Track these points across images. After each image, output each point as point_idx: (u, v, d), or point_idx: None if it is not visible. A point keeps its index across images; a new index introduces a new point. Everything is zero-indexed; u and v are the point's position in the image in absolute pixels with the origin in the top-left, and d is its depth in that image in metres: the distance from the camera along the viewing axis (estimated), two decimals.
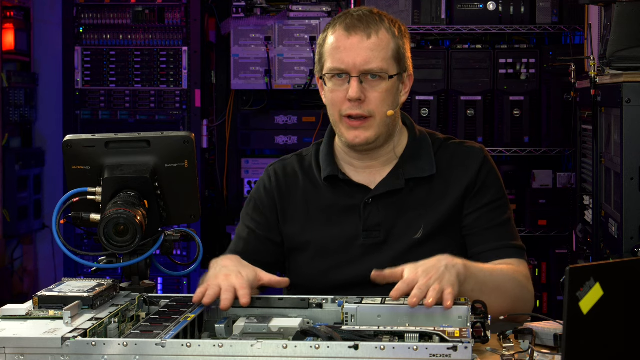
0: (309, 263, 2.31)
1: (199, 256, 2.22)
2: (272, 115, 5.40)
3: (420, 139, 2.33)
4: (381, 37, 2.23)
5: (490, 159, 2.34)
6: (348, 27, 2.22)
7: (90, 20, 5.29)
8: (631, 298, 1.54)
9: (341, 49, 2.21)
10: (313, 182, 2.34)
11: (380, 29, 2.23)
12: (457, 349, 1.63)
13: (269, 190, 2.36)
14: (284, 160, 2.41)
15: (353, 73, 2.20)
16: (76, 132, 5.08)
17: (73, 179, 2.12)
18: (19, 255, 5.70)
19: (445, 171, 2.30)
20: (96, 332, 1.76)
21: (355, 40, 2.21)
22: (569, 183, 4.83)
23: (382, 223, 2.27)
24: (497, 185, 2.31)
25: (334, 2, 5.32)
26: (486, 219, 2.27)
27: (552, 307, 4.90)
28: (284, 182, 2.36)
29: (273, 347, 1.66)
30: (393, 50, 2.24)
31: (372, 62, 2.20)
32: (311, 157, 2.37)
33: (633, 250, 3.16)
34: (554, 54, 4.87)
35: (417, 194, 2.28)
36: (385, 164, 2.31)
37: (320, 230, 2.30)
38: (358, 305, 1.90)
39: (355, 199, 2.29)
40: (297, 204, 2.34)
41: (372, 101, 2.21)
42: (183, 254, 5.07)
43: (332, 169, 2.31)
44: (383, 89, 2.22)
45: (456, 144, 2.35)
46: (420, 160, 2.30)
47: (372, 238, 2.27)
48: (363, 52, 2.20)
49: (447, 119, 4.92)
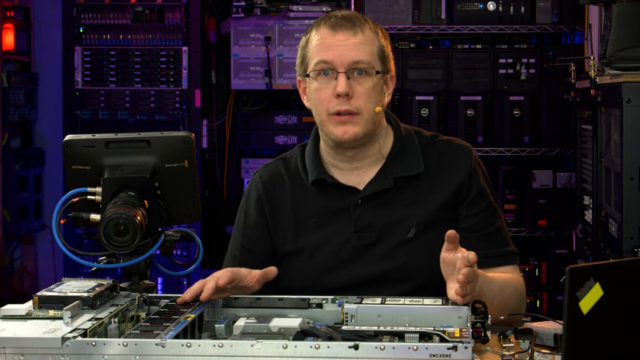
0: (302, 268, 2.29)
1: (199, 256, 2.22)
2: (272, 115, 5.41)
3: (406, 138, 2.32)
4: (366, 34, 2.24)
5: (478, 158, 2.34)
6: (333, 26, 2.23)
7: (90, 20, 5.29)
8: (631, 298, 1.54)
9: (327, 45, 2.22)
10: (301, 187, 2.32)
11: (364, 28, 2.24)
12: (457, 349, 1.63)
13: (257, 202, 2.34)
14: (268, 166, 2.39)
15: (340, 68, 2.20)
16: (76, 132, 5.08)
17: (73, 179, 2.13)
18: (19, 255, 5.70)
19: (433, 168, 2.29)
20: (96, 332, 1.76)
21: (341, 37, 2.22)
22: (569, 183, 4.83)
23: (372, 224, 2.26)
24: (490, 188, 2.32)
25: (334, 2, 5.32)
26: (483, 225, 2.27)
27: (552, 307, 4.90)
28: (272, 190, 2.34)
29: (273, 347, 1.66)
30: (378, 48, 2.25)
31: (359, 56, 2.20)
32: (296, 160, 2.35)
33: (633, 250, 3.16)
34: (554, 54, 4.87)
35: (406, 193, 2.27)
36: (372, 165, 2.30)
37: (311, 234, 2.29)
38: (358, 305, 1.90)
39: (345, 200, 2.28)
40: (286, 210, 2.32)
41: (360, 97, 2.21)
42: (183, 254, 5.07)
43: (319, 172, 2.29)
44: (370, 85, 2.22)
45: (444, 141, 2.34)
46: (407, 159, 2.28)
47: (363, 239, 2.26)
48: (350, 47, 2.21)
49: (447, 119, 4.92)
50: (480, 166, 2.32)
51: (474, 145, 4.84)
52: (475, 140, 4.88)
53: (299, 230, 2.30)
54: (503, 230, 2.30)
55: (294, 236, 2.30)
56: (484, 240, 2.25)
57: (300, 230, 2.30)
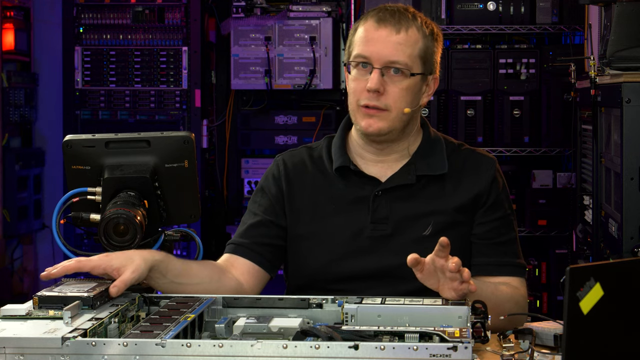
0: (313, 253, 2.29)
1: (199, 256, 2.23)
2: (272, 115, 5.40)
3: (434, 140, 2.35)
4: (410, 34, 2.23)
5: (501, 170, 2.36)
6: (379, 20, 2.24)
7: (90, 20, 5.29)
8: (631, 298, 1.54)
9: (368, 39, 2.23)
10: (323, 173, 2.34)
11: (410, 27, 2.24)
12: (457, 349, 1.63)
13: (277, 178, 2.36)
14: (293, 151, 2.43)
15: (376, 64, 2.22)
16: (76, 132, 5.08)
17: (73, 179, 2.13)
18: (19, 255, 5.70)
19: (456, 173, 2.31)
20: (96, 332, 1.76)
21: (383, 32, 2.22)
22: (569, 183, 4.83)
23: (390, 216, 2.27)
24: (508, 200, 2.34)
25: (334, 2, 5.32)
26: (496, 233, 2.28)
27: (552, 307, 4.90)
28: (293, 171, 2.36)
29: (273, 347, 1.66)
30: (420, 49, 2.25)
31: (396, 56, 2.21)
32: (321, 149, 2.38)
33: (633, 250, 3.16)
34: (554, 54, 4.87)
35: (427, 191, 2.29)
36: (397, 160, 2.32)
37: (327, 220, 2.30)
38: (358, 305, 1.90)
39: (365, 190, 2.29)
40: (304, 194, 2.33)
41: (391, 95, 2.22)
42: (183, 254, 5.07)
43: (344, 160, 2.31)
44: (404, 86, 2.23)
45: (469, 150, 2.37)
46: (432, 159, 2.31)
47: (379, 230, 2.27)
48: (389, 45, 2.21)
49: (447, 119, 4.92)
50: (502, 178, 2.34)
51: (473, 145, 4.84)
52: (475, 140, 4.88)
53: (315, 214, 2.31)
54: (515, 243, 2.32)
55: (310, 220, 2.31)
56: (494, 249, 2.27)
57: (316, 214, 2.31)
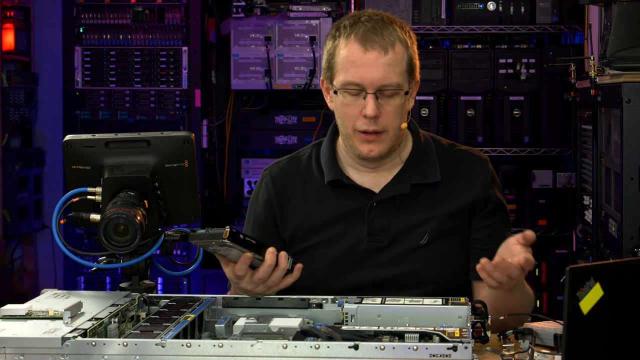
0: (310, 267, 2.25)
1: (199, 256, 2.22)
2: (272, 115, 5.40)
3: (424, 145, 2.31)
4: (397, 50, 2.18)
5: (494, 170, 2.34)
6: (364, 41, 2.17)
7: (90, 20, 5.28)
8: (631, 298, 1.54)
9: (357, 64, 2.17)
10: (314, 185, 2.31)
11: (395, 42, 2.18)
12: (457, 349, 1.63)
13: (266, 200, 2.33)
14: (279, 163, 2.37)
15: (369, 90, 2.17)
16: (76, 132, 5.07)
17: (73, 179, 2.12)
18: (19, 255, 5.70)
19: (449, 178, 2.28)
20: (96, 332, 1.76)
21: (372, 56, 2.16)
22: (569, 183, 4.83)
23: (386, 228, 2.25)
24: (502, 194, 2.33)
25: (334, 2, 5.32)
26: (496, 237, 2.25)
27: (552, 307, 4.90)
28: (282, 188, 2.33)
29: (273, 347, 1.66)
30: (407, 63, 2.21)
31: (388, 79, 2.17)
32: (311, 159, 2.33)
33: (633, 250, 3.16)
34: (554, 54, 4.87)
35: (421, 200, 2.27)
36: (390, 168, 2.29)
37: (322, 234, 2.28)
38: (358, 305, 1.90)
39: (360, 202, 2.27)
40: (297, 209, 2.31)
41: (387, 115, 2.18)
42: (183, 254, 5.07)
43: (336, 173, 2.28)
44: (397, 104, 2.19)
45: (461, 151, 2.34)
46: (424, 167, 2.28)
47: (375, 242, 2.25)
48: (381, 69, 2.16)
49: (447, 119, 4.92)
50: (495, 179, 2.33)
51: (474, 145, 4.84)
52: (475, 140, 4.88)
53: (309, 229, 2.29)
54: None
55: (304, 235, 2.29)
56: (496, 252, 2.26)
57: (310, 229, 2.29)
